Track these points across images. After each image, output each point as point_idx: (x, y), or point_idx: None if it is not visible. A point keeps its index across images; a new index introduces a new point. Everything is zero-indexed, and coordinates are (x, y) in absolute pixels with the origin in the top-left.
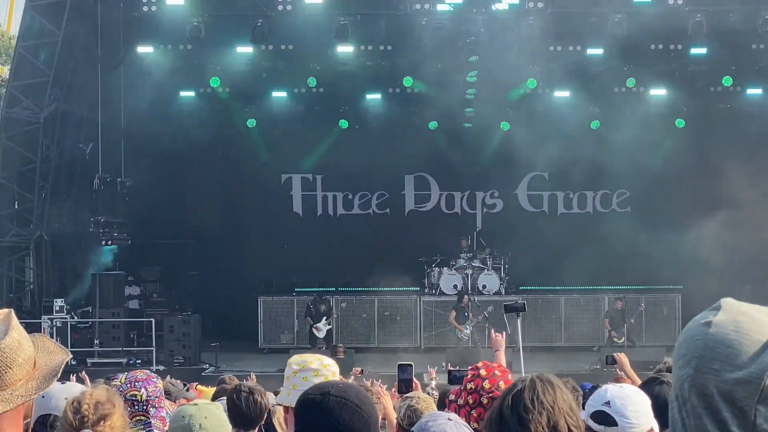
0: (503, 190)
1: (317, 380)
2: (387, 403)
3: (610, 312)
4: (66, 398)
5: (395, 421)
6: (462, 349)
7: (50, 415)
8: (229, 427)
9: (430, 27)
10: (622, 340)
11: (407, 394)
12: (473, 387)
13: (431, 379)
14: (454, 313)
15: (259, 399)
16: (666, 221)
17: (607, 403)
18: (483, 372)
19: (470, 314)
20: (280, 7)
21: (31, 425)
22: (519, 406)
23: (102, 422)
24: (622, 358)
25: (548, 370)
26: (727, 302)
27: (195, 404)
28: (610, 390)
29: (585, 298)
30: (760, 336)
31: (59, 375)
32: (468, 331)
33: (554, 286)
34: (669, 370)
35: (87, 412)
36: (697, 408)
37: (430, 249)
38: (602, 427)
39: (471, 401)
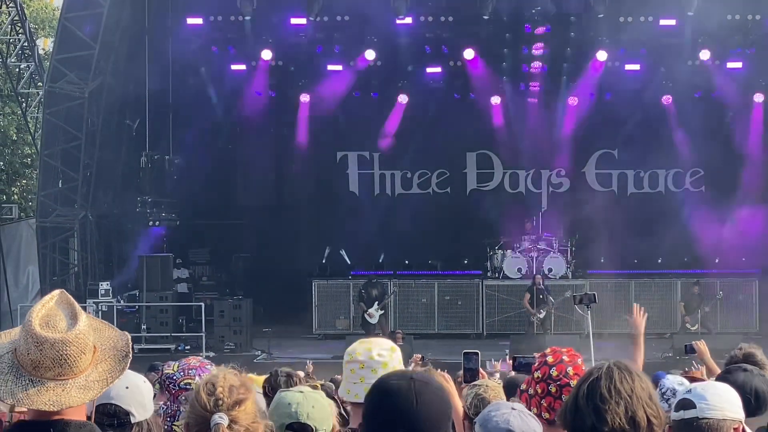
0: (570, 168)
1: (385, 371)
2: (452, 392)
3: (686, 296)
4: (127, 387)
5: (461, 410)
6: (529, 335)
7: (111, 404)
8: (332, 420)
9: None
10: (695, 327)
11: (475, 382)
12: (540, 375)
13: (495, 371)
14: (528, 296)
15: (297, 383)
16: (742, 202)
17: (689, 391)
18: (550, 359)
19: (546, 297)
20: None
21: (93, 416)
22: (595, 396)
23: (237, 407)
24: (702, 346)
25: (618, 358)
26: None
27: (300, 391)
28: (691, 384)
29: (656, 283)
30: None
31: (130, 356)
32: (541, 316)
33: (624, 270)
34: (745, 357)
35: (222, 395)
36: None
37: (493, 230)
38: (681, 412)
39: (540, 390)
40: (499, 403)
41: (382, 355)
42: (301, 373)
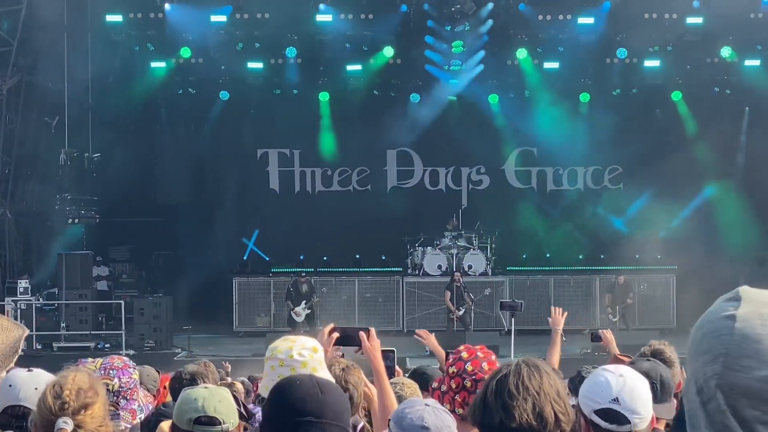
0: (489, 165)
1: (304, 371)
2: (371, 392)
3: (612, 287)
4: (36, 388)
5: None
6: (449, 332)
7: (20, 406)
8: (237, 414)
9: None
10: (616, 319)
11: (391, 380)
12: (456, 371)
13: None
14: (448, 293)
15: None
16: (660, 198)
17: (615, 400)
18: (465, 354)
19: (465, 295)
20: None
21: None
22: (503, 392)
23: (83, 411)
24: (608, 335)
25: (537, 355)
26: (746, 291)
27: (206, 387)
28: (613, 382)
29: (575, 279)
30: None
31: (19, 352)
32: (461, 313)
33: (543, 267)
34: (653, 354)
35: (68, 398)
36: (722, 406)
37: (414, 227)
38: (614, 425)
39: (454, 386)
40: (413, 400)
41: (302, 354)
42: (216, 369)
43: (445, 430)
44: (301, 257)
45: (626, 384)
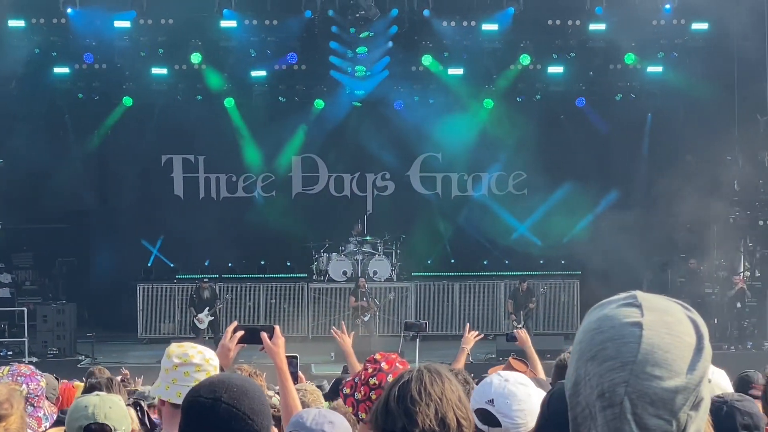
0: (395, 171)
1: (199, 376)
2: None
3: (514, 293)
4: None
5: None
6: (354, 338)
7: None
8: (130, 420)
9: (317, 1)
10: (520, 325)
11: (294, 387)
12: (377, 382)
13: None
14: (353, 299)
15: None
16: (564, 204)
17: (491, 401)
18: (384, 366)
19: (369, 300)
20: None
21: None
22: (406, 398)
23: None
24: (523, 335)
25: (441, 360)
26: (643, 297)
27: (97, 395)
28: (495, 384)
29: (480, 285)
30: (689, 338)
31: None
32: (366, 319)
33: (448, 272)
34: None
35: None
36: (627, 414)
37: (319, 234)
38: (486, 427)
39: (374, 396)
40: (309, 410)
41: (194, 356)
42: (119, 378)
43: None
44: (206, 263)
45: (506, 388)
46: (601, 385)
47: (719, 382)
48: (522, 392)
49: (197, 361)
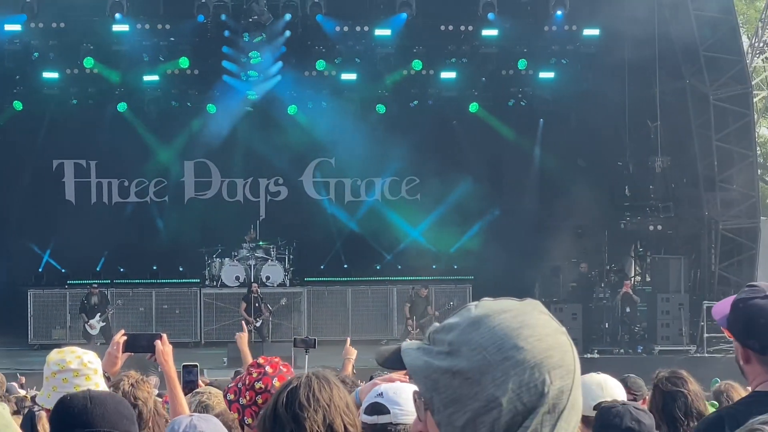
0: (288, 176)
1: (79, 381)
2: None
3: (413, 298)
4: None
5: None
6: (249, 344)
7: None
8: (15, 428)
9: (210, 5)
10: (416, 331)
11: (197, 390)
12: (263, 386)
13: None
14: (244, 305)
15: None
16: (457, 209)
17: (380, 394)
18: (269, 369)
19: (262, 306)
20: None
21: None
22: (294, 404)
23: None
24: None
25: (334, 366)
26: (545, 309)
27: None
28: (383, 385)
29: (373, 290)
30: None
31: None
32: (258, 324)
33: (341, 277)
34: None
35: None
36: (562, 418)
37: (211, 239)
38: (375, 416)
39: (261, 401)
40: (182, 417)
41: (72, 362)
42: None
43: None
44: (98, 269)
45: (394, 384)
46: (551, 392)
47: (606, 382)
48: (409, 387)
49: (75, 366)
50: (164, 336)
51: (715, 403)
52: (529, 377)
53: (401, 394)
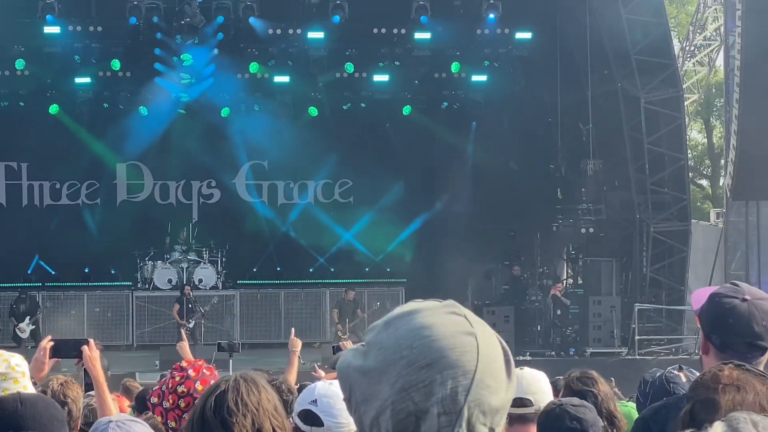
0: (221, 179)
1: (6, 384)
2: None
3: (340, 302)
4: None
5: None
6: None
7: None
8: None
9: (142, 7)
10: (346, 336)
11: (89, 393)
12: (185, 390)
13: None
14: (177, 307)
15: None
16: (390, 212)
17: (314, 401)
18: (192, 373)
19: (195, 307)
20: None
21: None
22: (222, 408)
23: None
24: (348, 345)
25: (268, 368)
26: (458, 305)
27: None
28: (319, 387)
29: (306, 293)
30: (500, 350)
31: None
32: (190, 326)
33: (274, 280)
34: None
35: None
36: (463, 420)
37: (144, 242)
38: (309, 427)
39: (183, 405)
40: (103, 419)
41: (14, 368)
42: None
43: None
44: (29, 272)
45: (330, 389)
46: (442, 392)
47: (541, 385)
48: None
49: (2, 370)
50: (91, 341)
51: (626, 403)
52: (420, 377)
53: (336, 403)
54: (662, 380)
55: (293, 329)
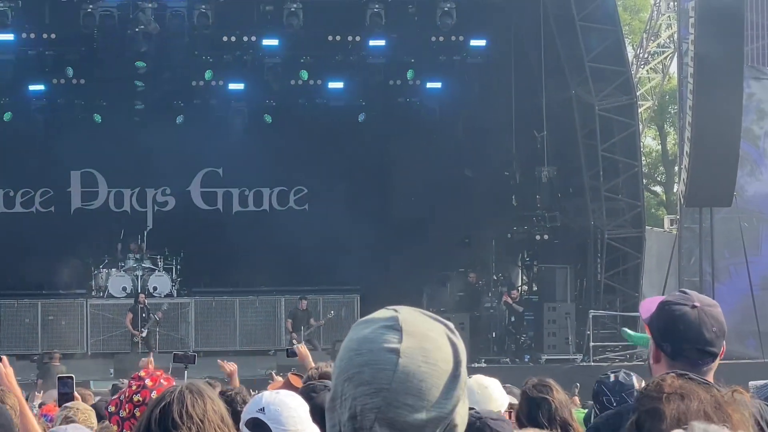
0: (175, 187)
1: None
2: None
3: (293, 312)
4: None
5: None
6: (134, 354)
7: None
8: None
9: (96, 15)
10: (300, 344)
11: (66, 404)
12: (141, 399)
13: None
14: (130, 316)
15: None
16: (345, 219)
17: (262, 409)
18: (149, 382)
19: (148, 315)
20: None
21: None
22: (167, 420)
23: None
24: (303, 349)
25: (219, 377)
26: (406, 321)
27: None
28: (266, 395)
29: (261, 300)
30: (446, 365)
31: None
32: (144, 335)
33: (228, 288)
34: (322, 376)
35: None
36: None
37: (98, 249)
38: None
39: (138, 414)
40: (56, 429)
41: None
42: None
43: None
44: None
45: (277, 398)
46: (354, 408)
47: (493, 393)
48: (292, 401)
49: None
50: (5, 358)
51: (582, 410)
52: (343, 390)
53: (283, 410)
54: (618, 383)
55: (219, 361)
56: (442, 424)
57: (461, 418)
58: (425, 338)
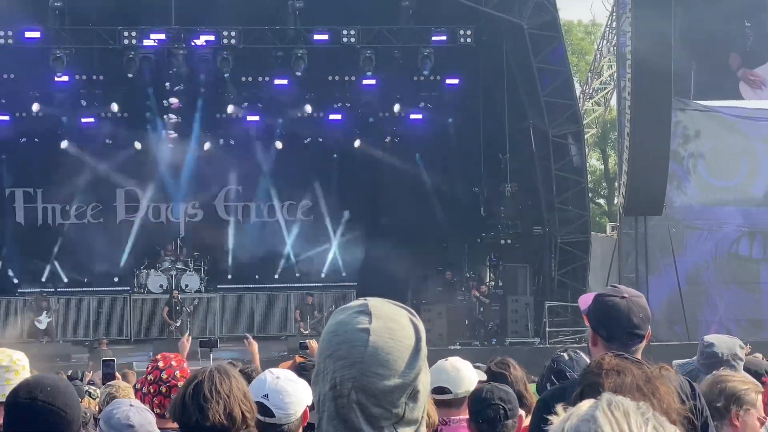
0: (203, 201)
1: (9, 376)
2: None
3: (300, 305)
4: None
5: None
6: (169, 340)
7: None
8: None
9: (137, 59)
10: (307, 332)
11: (109, 383)
12: (153, 378)
13: None
14: (166, 309)
15: None
16: (345, 227)
17: (266, 395)
18: (161, 364)
19: (181, 308)
20: (1, 41)
21: None
22: (199, 396)
23: None
24: (314, 344)
25: (242, 358)
26: (374, 306)
27: None
28: (268, 381)
29: (274, 294)
30: (409, 341)
31: None
32: (178, 324)
33: (247, 284)
34: (304, 368)
35: None
36: (353, 402)
37: (140, 253)
38: (261, 417)
39: (152, 390)
40: (120, 401)
41: (2, 360)
42: None
43: (147, 426)
44: (43, 279)
45: (278, 384)
46: (334, 379)
47: (465, 374)
48: (291, 388)
49: (5, 363)
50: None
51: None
52: (324, 366)
53: (284, 397)
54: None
55: (247, 334)
56: (408, 390)
57: (423, 385)
58: (391, 320)
